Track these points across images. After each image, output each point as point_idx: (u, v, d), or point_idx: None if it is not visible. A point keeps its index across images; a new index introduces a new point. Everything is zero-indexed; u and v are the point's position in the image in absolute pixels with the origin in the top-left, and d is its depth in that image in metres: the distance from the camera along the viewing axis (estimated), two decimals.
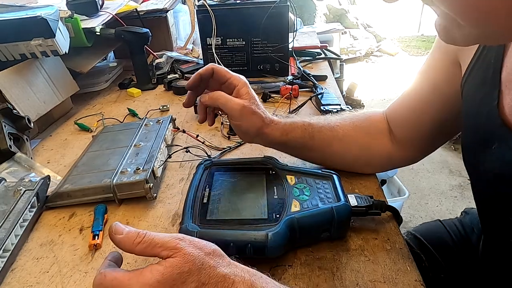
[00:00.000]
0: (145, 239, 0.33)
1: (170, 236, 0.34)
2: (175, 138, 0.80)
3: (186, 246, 0.33)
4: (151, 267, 0.32)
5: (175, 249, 0.33)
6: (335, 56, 1.39)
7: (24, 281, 0.47)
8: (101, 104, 1.02)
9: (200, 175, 0.55)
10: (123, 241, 0.34)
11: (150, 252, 0.33)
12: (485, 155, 0.43)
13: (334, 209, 0.47)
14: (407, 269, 0.45)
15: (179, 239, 0.34)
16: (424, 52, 4.75)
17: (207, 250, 0.34)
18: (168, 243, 0.33)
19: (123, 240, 0.34)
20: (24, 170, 0.67)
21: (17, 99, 0.78)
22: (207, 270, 0.33)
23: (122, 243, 0.34)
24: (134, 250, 0.34)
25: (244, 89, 0.56)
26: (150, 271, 0.32)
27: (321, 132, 0.60)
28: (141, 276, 0.32)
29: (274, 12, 0.97)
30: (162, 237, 0.34)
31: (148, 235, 0.34)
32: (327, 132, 0.60)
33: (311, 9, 4.38)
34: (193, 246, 0.34)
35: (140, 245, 0.33)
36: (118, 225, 0.35)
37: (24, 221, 0.54)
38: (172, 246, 0.33)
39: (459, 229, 0.71)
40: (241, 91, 0.56)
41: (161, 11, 1.22)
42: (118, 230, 0.35)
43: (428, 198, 2.01)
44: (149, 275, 0.32)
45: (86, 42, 1.00)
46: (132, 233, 0.34)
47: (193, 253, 0.33)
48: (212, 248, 0.35)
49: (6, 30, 0.78)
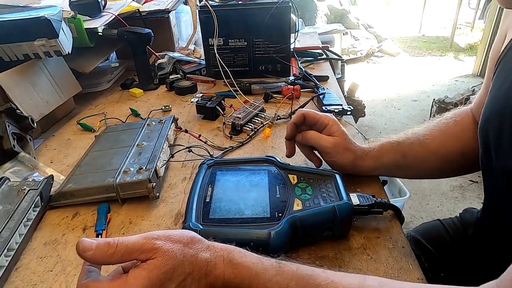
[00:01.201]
0: (118, 248, 0.32)
1: (143, 237, 0.34)
2: (178, 138, 0.80)
3: (163, 243, 0.33)
4: (135, 273, 0.32)
5: (154, 250, 0.33)
6: (337, 56, 1.39)
7: (28, 280, 0.47)
8: (103, 104, 1.03)
9: (203, 174, 0.56)
10: (95, 256, 0.32)
11: (127, 259, 0.33)
12: (501, 134, 0.44)
13: (336, 207, 0.47)
14: (409, 268, 0.45)
15: (154, 239, 0.33)
16: (425, 52, 4.74)
17: (185, 240, 0.35)
18: (145, 245, 0.33)
19: (96, 255, 0.32)
20: (27, 169, 0.68)
21: (20, 99, 0.78)
22: (189, 260, 0.33)
23: (95, 259, 0.33)
24: (110, 261, 0.33)
25: (335, 126, 0.58)
26: (134, 277, 0.32)
27: (412, 150, 0.59)
28: (126, 285, 0.31)
29: (276, 12, 0.98)
30: (136, 241, 0.33)
31: (121, 243, 0.33)
32: (418, 148, 0.59)
33: (312, 9, 4.39)
34: (170, 241, 0.34)
35: (116, 256, 0.32)
36: (85, 242, 0.33)
37: (28, 220, 0.54)
38: (149, 247, 0.33)
39: (457, 225, 0.72)
40: (332, 129, 0.58)
41: (163, 12, 1.22)
42: (86, 247, 0.32)
43: (429, 199, 2.01)
44: (134, 282, 0.31)
45: (89, 43, 1.01)
46: (103, 245, 0.32)
47: (173, 249, 0.33)
48: (190, 236, 0.36)
49: (9, 30, 0.79)
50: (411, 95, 3.41)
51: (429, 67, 4.18)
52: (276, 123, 0.83)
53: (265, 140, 0.77)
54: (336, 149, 0.57)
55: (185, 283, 0.33)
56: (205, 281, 0.34)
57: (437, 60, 4.45)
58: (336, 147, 0.57)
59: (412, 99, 3.33)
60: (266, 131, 0.79)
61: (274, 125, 0.82)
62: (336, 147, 0.57)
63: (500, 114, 0.46)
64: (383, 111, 3.13)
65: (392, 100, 3.34)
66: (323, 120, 0.58)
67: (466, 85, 3.50)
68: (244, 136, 0.79)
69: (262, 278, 0.35)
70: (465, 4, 4.62)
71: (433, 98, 2.77)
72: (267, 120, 0.83)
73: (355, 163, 0.58)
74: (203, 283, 0.34)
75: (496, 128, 0.47)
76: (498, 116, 0.47)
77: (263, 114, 0.86)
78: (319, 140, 0.58)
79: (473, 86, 2.66)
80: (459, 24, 4.93)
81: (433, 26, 5.75)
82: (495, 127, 0.47)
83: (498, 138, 0.47)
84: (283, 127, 0.82)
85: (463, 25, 5.16)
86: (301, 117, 0.59)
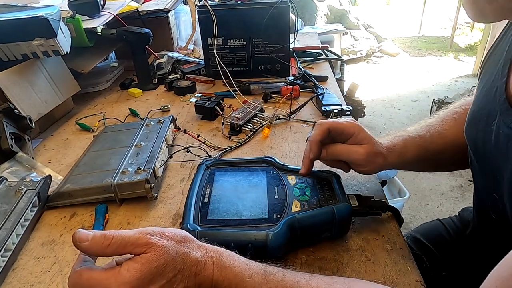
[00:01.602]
0: (114, 240, 0.33)
1: (139, 232, 0.34)
2: (176, 138, 0.80)
3: (158, 239, 0.34)
4: (128, 265, 0.33)
5: (148, 245, 0.33)
6: (336, 56, 1.39)
7: (25, 281, 0.47)
8: (102, 104, 1.02)
9: (201, 175, 0.55)
10: (90, 247, 0.33)
11: (122, 251, 0.34)
12: (485, 132, 0.45)
13: (335, 209, 0.47)
14: (408, 270, 0.45)
15: (149, 234, 0.34)
16: (425, 52, 4.75)
17: (178, 238, 0.35)
18: (140, 239, 0.33)
19: (91, 246, 0.33)
20: (25, 169, 0.68)
21: (18, 99, 0.78)
22: (181, 257, 0.34)
23: (90, 249, 0.34)
24: (105, 253, 0.33)
25: (362, 134, 0.53)
26: (127, 269, 0.32)
27: (433, 143, 0.58)
28: (119, 276, 0.32)
29: (275, 12, 0.98)
30: (132, 235, 0.34)
31: (117, 236, 0.33)
32: (439, 141, 0.59)
33: (312, 9, 4.39)
34: (164, 237, 0.35)
35: (111, 247, 0.33)
36: (81, 233, 0.34)
37: (25, 221, 0.54)
38: (144, 242, 0.33)
39: (456, 224, 0.72)
40: (359, 137, 0.53)
41: (163, 12, 1.22)
42: (82, 238, 0.33)
43: (429, 199, 2.01)
44: (127, 273, 0.32)
45: (88, 42, 1.00)
46: (99, 237, 0.33)
47: (166, 245, 0.34)
48: (183, 235, 0.36)
49: (8, 30, 0.78)
50: (411, 95, 3.41)
51: (429, 67, 4.19)
52: (275, 123, 0.83)
53: (264, 141, 0.77)
54: (368, 158, 0.53)
55: (175, 279, 0.33)
56: (194, 280, 0.34)
57: (437, 60, 4.46)
58: (368, 156, 0.53)
59: (412, 99, 3.33)
60: (265, 131, 0.79)
61: (273, 125, 0.82)
62: (368, 157, 0.53)
63: (476, 117, 0.48)
64: (382, 111, 3.13)
65: (392, 100, 3.34)
66: (349, 130, 0.53)
67: (466, 85, 3.50)
68: (243, 137, 0.78)
69: (248, 285, 0.35)
70: None
71: (433, 98, 2.78)
72: (266, 121, 0.82)
73: (383, 165, 0.55)
74: (192, 282, 0.34)
75: (472, 131, 0.49)
76: (475, 119, 0.48)
77: (262, 114, 0.86)
78: (350, 154, 0.53)
79: (472, 86, 2.67)
80: (459, 24, 4.93)
81: (433, 26, 5.76)
82: (472, 130, 0.49)
83: (475, 142, 0.48)
84: (282, 127, 0.82)
85: (463, 25, 5.16)
86: (326, 132, 0.53)
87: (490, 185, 0.48)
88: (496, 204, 0.46)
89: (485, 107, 0.47)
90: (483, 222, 0.55)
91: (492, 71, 0.48)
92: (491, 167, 0.46)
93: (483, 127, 0.47)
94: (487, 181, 0.49)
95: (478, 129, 0.48)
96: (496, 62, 0.48)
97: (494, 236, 0.51)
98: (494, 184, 0.46)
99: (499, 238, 0.48)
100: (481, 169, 0.51)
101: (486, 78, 0.49)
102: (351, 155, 0.53)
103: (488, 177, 0.48)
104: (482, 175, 0.51)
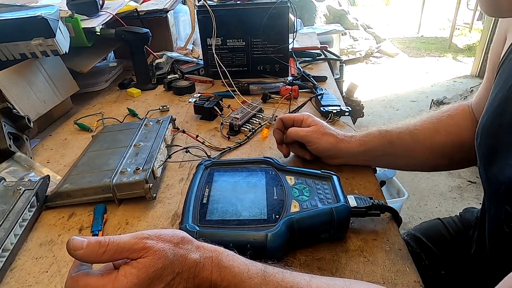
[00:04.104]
0: (109, 247, 0.33)
1: (134, 236, 0.34)
2: (175, 138, 0.80)
3: (155, 243, 0.34)
4: (124, 270, 0.32)
5: (145, 249, 0.33)
6: (335, 57, 1.39)
7: (23, 281, 0.47)
8: (101, 104, 1.02)
9: (200, 175, 0.55)
10: (85, 255, 0.33)
11: (118, 258, 0.33)
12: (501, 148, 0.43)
13: (333, 209, 0.47)
14: (406, 270, 0.45)
15: (145, 238, 0.34)
16: (424, 53, 4.75)
17: (176, 240, 0.35)
18: (136, 245, 0.33)
19: (86, 254, 0.33)
20: (23, 169, 0.67)
21: (17, 98, 0.78)
22: (179, 260, 0.34)
23: (86, 258, 0.33)
24: (101, 260, 0.33)
25: (310, 119, 0.64)
26: (124, 275, 0.32)
27: (400, 138, 0.61)
28: (116, 281, 0.32)
29: (274, 12, 0.98)
30: (128, 240, 0.33)
31: (112, 242, 0.33)
32: (407, 138, 0.61)
33: (311, 10, 4.39)
34: (161, 241, 0.34)
35: (106, 254, 0.32)
36: (75, 240, 0.33)
37: (24, 221, 0.54)
38: (141, 247, 0.33)
39: (457, 224, 0.72)
40: (307, 121, 0.64)
41: (162, 11, 1.22)
42: (76, 245, 0.33)
43: (427, 199, 2.01)
44: (124, 279, 0.31)
45: (86, 42, 1.00)
46: (94, 244, 0.33)
47: (164, 248, 0.33)
48: (180, 236, 0.36)
49: (6, 29, 0.78)
50: (409, 96, 3.41)
51: (427, 68, 4.19)
52: (274, 124, 0.83)
53: (263, 141, 0.77)
54: (314, 135, 0.62)
55: (174, 282, 0.33)
56: (193, 282, 0.34)
57: (436, 61, 4.46)
58: (314, 133, 0.62)
59: (411, 99, 3.34)
60: (264, 131, 0.79)
61: (272, 125, 0.82)
62: (314, 133, 0.62)
63: (491, 124, 0.47)
64: (381, 111, 3.14)
65: (390, 100, 3.34)
66: (298, 117, 0.65)
67: (465, 85, 3.51)
68: (242, 137, 0.78)
69: (247, 286, 0.35)
70: (463, 5, 4.63)
71: (431, 98, 2.78)
72: (265, 121, 0.82)
73: (337, 146, 0.62)
74: (191, 284, 0.34)
75: (486, 137, 0.48)
76: (490, 126, 0.47)
77: (261, 114, 0.86)
78: (298, 132, 0.63)
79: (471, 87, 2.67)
80: (458, 25, 4.94)
81: (431, 27, 5.76)
82: (486, 137, 0.48)
83: (489, 149, 0.47)
84: None
85: (462, 26, 5.17)
86: (280, 122, 0.66)
87: (503, 197, 0.45)
88: (509, 217, 0.43)
89: (501, 117, 0.45)
90: (495, 233, 0.53)
91: (506, 81, 0.45)
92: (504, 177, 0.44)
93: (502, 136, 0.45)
94: (495, 190, 0.47)
95: (498, 136, 0.46)
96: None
97: (506, 247, 0.48)
98: (506, 196, 0.43)
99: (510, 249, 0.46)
100: (490, 179, 0.48)
101: (500, 86, 0.47)
102: (299, 133, 0.63)
103: (499, 188, 0.45)
104: (489, 184, 0.49)
